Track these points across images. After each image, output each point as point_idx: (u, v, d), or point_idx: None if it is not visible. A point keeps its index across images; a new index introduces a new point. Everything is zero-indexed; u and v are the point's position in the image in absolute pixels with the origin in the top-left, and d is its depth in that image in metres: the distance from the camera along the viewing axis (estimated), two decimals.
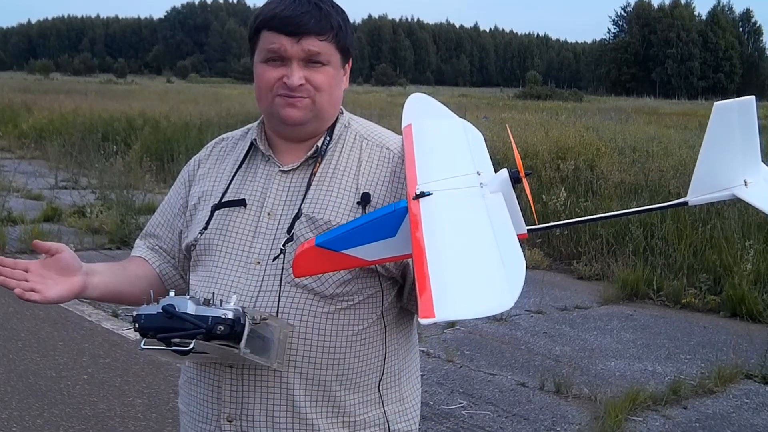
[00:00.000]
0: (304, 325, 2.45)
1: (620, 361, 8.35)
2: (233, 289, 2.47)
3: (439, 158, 2.31)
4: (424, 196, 2.03)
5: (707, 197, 2.17)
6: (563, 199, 13.04)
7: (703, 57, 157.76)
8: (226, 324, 2.18)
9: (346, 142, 2.63)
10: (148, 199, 14.97)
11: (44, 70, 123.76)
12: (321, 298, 2.46)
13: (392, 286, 2.60)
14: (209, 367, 2.53)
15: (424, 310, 1.65)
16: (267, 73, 2.50)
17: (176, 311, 2.17)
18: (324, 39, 2.48)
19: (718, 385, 7.69)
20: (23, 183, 17.81)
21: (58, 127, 26.23)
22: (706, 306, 10.22)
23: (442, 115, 2.76)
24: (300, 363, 2.46)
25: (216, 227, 2.59)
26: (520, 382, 7.68)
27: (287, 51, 2.46)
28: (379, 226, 2.14)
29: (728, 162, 2.14)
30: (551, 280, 11.35)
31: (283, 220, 2.52)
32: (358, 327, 2.52)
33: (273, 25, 2.47)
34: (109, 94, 44.44)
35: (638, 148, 18.87)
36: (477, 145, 2.47)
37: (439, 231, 1.91)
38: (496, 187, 2.07)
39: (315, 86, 2.49)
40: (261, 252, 2.51)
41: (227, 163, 2.72)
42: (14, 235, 12.89)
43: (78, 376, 7.46)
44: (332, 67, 2.53)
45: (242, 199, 2.59)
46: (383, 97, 56.19)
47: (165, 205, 2.86)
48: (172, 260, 2.80)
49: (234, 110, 29.82)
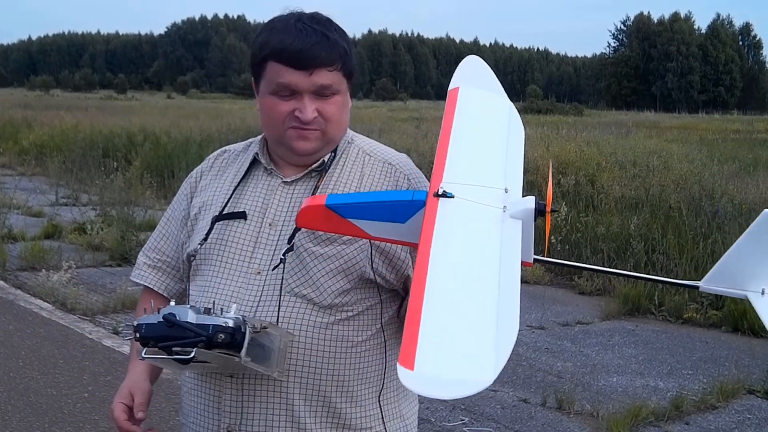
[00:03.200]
0: (304, 335, 2.46)
1: (622, 376, 8.33)
2: (233, 299, 2.48)
3: (473, 153, 2.21)
4: (445, 197, 1.97)
5: (720, 290, 2.15)
6: (564, 214, 13.03)
7: (704, 70, 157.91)
8: (227, 332, 2.18)
9: (348, 157, 2.64)
10: (149, 216, 14.96)
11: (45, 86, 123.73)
12: (320, 309, 2.47)
13: (393, 299, 2.62)
14: (209, 378, 2.54)
15: (405, 358, 1.59)
16: (278, 106, 2.50)
17: (177, 320, 2.18)
18: (333, 69, 2.48)
19: (720, 400, 7.67)
20: (24, 200, 17.80)
21: (58, 143, 26.23)
22: (707, 321, 10.21)
23: (493, 88, 2.63)
24: (300, 373, 2.47)
25: (216, 238, 2.60)
26: (522, 399, 7.66)
27: (299, 86, 2.46)
28: (392, 209, 2.10)
29: (755, 266, 2.11)
30: (553, 295, 11.33)
31: (285, 230, 2.53)
32: (358, 339, 2.53)
33: (283, 58, 2.46)
34: (109, 110, 44.47)
35: (639, 162, 18.86)
36: (515, 142, 2.39)
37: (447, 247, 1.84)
38: (518, 213, 2.01)
39: (326, 117, 2.51)
40: (261, 262, 2.52)
41: (228, 174, 2.73)
42: (15, 252, 12.86)
43: (79, 395, 7.44)
44: (341, 95, 2.54)
45: (242, 211, 2.60)
46: (384, 112, 56.27)
47: (167, 216, 2.87)
48: (176, 273, 2.81)
49: (234, 125, 29.82)
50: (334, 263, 2.48)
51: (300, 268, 2.48)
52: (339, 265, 2.48)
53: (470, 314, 1.70)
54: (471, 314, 1.70)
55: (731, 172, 17.73)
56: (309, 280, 2.47)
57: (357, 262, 2.49)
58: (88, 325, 9.53)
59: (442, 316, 1.66)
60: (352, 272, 2.50)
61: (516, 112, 2.54)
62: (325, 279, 2.48)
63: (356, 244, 2.49)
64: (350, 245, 2.49)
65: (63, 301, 10.38)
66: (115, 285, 10.85)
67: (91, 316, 9.87)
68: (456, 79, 2.53)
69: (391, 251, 2.53)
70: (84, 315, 9.96)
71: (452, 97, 2.42)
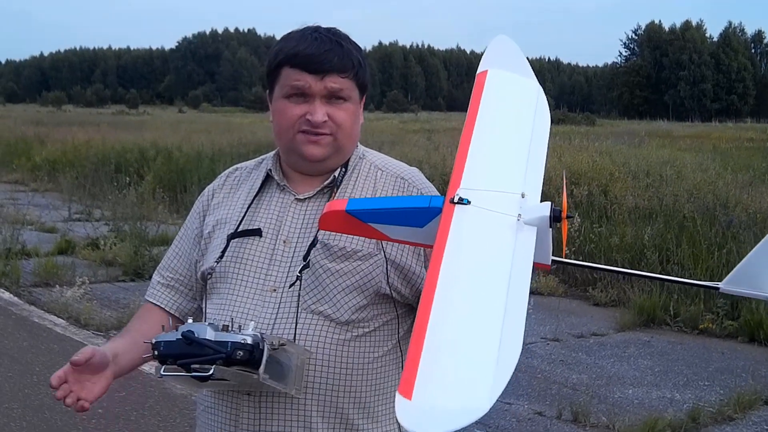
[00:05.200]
0: (321, 352, 2.46)
1: (638, 388, 8.29)
2: (250, 317, 2.48)
3: (494, 153, 2.18)
4: (461, 204, 1.96)
5: (741, 291, 2.11)
6: (577, 225, 12.99)
7: (716, 79, 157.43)
8: (246, 349, 2.18)
9: (360, 172, 2.65)
10: (162, 231, 14.97)
11: (57, 102, 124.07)
12: (337, 325, 2.48)
13: (408, 313, 2.62)
14: (226, 395, 2.53)
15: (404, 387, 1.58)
16: (289, 109, 2.52)
17: (196, 337, 2.18)
18: (345, 76, 2.51)
19: (737, 411, 7.63)
20: (37, 216, 17.88)
21: (71, 159, 26.33)
22: (723, 331, 10.15)
23: (522, 70, 2.58)
24: (317, 390, 2.47)
25: (231, 256, 2.60)
26: (537, 411, 7.63)
27: (311, 88, 2.48)
28: (410, 215, 2.11)
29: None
30: (567, 306, 11.30)
31: (299, 247, 2.54)
32: (375, 354, 2.54)
33: (296, 62, 2.49)
34: (121, 125, 44.63)
35: (652, 172, 18.79)
36: (539, 136, 2.33)
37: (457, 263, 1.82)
38: (533, 220, 1.99)
39: (337, 123, 2.52)
40: (277, 279, 2.53)
41: (241, 192, 2.74)
42: (28, 268, 12.88)
43: (93, 410, 7.38)
44: (352, 103, 2.56)
45: (257, 228, 2.61)
46: (395, 124, 56.28)
47: (181, 235, 2.88)
48: (190, 292, 2.81)
49: (246, 139, 29.95)
50: (350, 279, 2.48)
51: (316, 284, 2.48)
52: (355, 281, 2.49)
53: (473, 343, 1.69)
54: (473, 343, 1.69)
55: (745, 181, 17.64)
56: (326, 296, 2.48)
57: (373, 277, 2.50)
58: (102, 340, 9.51)
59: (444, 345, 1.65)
60: (368, 288, 2.50)
61: (544, 97, 2.49)
62: (341, 295, 2.48)
63: (372, 260, 2.50)
64: (366, 261, 2.49)
65: (77, 317, 10.38)
66: (129, 300, 10.84)
67: (105, 332, 9.86)
68: (485, 60, 2.49)
69: (406, 266, 2.54)
70: (98, 330, 9.96)
71: (479, 82, 2.38)
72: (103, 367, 2.49)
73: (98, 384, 2.49)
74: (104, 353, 2.51)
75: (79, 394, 2.44)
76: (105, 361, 2.50)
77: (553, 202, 2.07)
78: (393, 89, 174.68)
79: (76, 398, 2.44)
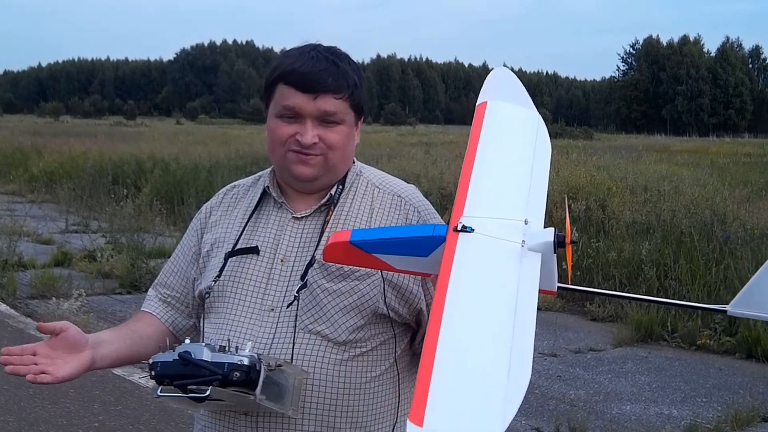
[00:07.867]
0: (318, 372, 2.45)
1: (635, 404, 8.28)
2: (247, 337, 2.47)
3: (496, 181, 2.19)
4: (465, 231, 1.96)
5: (748, 314, 2.12)
6: (575, 239, 12.97)
7: (713, 94, 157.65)
8: (242, 370, 2.18)
9: (358, 190, 2.64)
10: (159, 243, 14.94)
11: (54, 113, 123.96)
12: (335, 345, 2.47)
13: (405, 332, 2.61)
14: (224, 416, 2.52)
15: (415, 414, 1.58)
16: (280, 128, 2.51)
17: (192, 358, 2.18)
18: (340, 98, 2.49)
19: (735, 428, 7.62)
20: (34, 227, 17.83)
21: (68, 170, 26.31)
22: (721, 347, 10.15)
23: (521, 101, 2.58)
24: (314, 410, 2.46)
25: (229, 275, 2.59)
26: (535, 427, 7.62)
27: (302, 109, 2.47)
28: (414, 244, 2.11)
29: None
30: (564, 322, 11.29)
31: (297, 266, 2.53)
32: (372, 374, 2.52)
33: (290, 80, 2.48)
34: (119, 137, 44.59)
35: (650, 187, 18.82)
36: (541, 164, 2.33)
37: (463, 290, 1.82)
38: (537, 246, 1.99)
39: (328, 145, 2.50)
40: (275, 299, 2.52)
41: (239, 209, 2.73)
42: (25, 280, 12.86)
43: (89, 424, 7.41)
44: (346, 125, 2.54)
45: (255, 246, 2.60)
46: (393, 137, 56.30)
47: (178, 253, 2.86)
48: (186, 309, 2.80)
49: (243, 151, 29.93)
50: (347, 299, 2.47)
51: (314, 304, 2.48)
52: (353, 301, 2.48)
53: (482, 368, 1.69)
54: (483, 368, 1.69)
55: (743, 197, 17.67)
56: (323, 316, 2.47)
57: (370, 297, 2.49)
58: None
59: (454, 371, 1.65)
60: (365, 308, 2.49)
61: (544, 127, 2.51)
62: (339, 315, 2.47)
63: (369, 280, 2.49)
64: (363, 281, 2.48)
65: None
66: (125, 313, 10.82)
67: None
68: (484, 92, 2.50)
69: (403, 286, 2.53)
70: None
71: (479, 114, 2.39)
72: (79, 346, 2.45)
73: (70, 363, 2.42)
74: (82, 333, 2.47)
75: (45, 368, 2.38)
76: (82, 340, 2.46)
77: (551, 216, 2.06)
78: (391, 102, 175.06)
79: (40, 371, 2.37)
